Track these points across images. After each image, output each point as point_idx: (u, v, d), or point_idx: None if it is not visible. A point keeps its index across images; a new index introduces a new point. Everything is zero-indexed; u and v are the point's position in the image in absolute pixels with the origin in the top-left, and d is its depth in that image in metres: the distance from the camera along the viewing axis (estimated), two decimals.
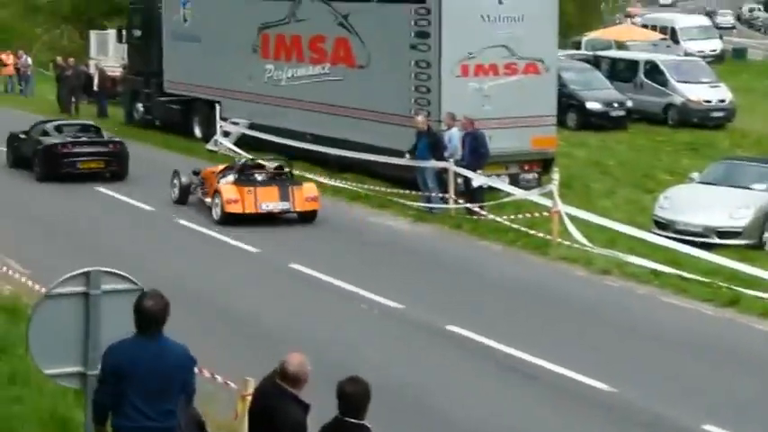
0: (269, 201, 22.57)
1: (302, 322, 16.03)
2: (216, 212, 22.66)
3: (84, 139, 27.80)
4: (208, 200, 23.28)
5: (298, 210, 22.76)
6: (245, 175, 23.10)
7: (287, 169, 23.75)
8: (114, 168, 27.30)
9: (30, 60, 49.37)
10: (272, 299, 17.36)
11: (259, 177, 23.16)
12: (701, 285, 18.02)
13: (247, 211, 22.35)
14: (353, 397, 7.60)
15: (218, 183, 23.00)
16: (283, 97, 29.45)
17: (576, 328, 16.11)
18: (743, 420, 12.72)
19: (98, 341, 9.18)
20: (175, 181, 24.37)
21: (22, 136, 28.58)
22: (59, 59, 45.44)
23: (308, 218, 22.83)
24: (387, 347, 15.09)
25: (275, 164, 23.93)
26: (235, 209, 22.31)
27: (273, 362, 8.14)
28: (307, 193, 22.86)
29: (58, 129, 28.46)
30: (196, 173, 24.58)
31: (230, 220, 22.25)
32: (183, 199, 24.16)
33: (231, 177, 23.01)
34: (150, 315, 8.24)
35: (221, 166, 24.25)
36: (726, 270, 18.45)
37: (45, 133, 28.02)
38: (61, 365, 9.29)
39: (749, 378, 14.22)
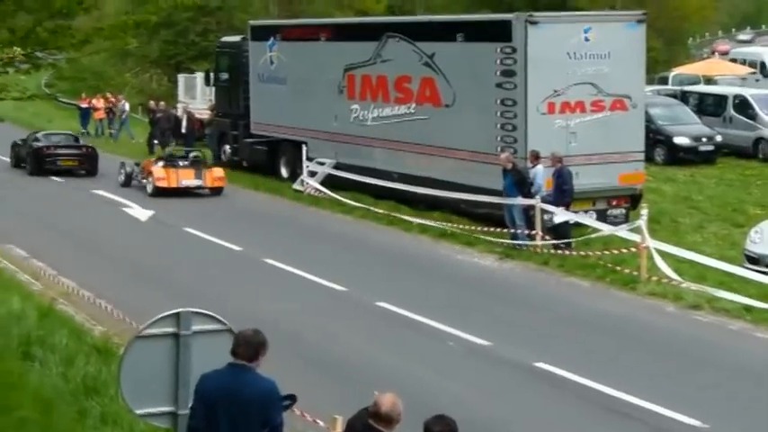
0: (187, 179, 31.23)
1: (389, 360, 16.03)
2: (149, 188, 31.24)
3: (63, 143, 36.47)
4: (144, 180, 31.60)
5: (208, 185, 31.44)
6: (170, 161, 31.85)
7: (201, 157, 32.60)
8: (86, 167, 35.74)
9: (127, 105, 50.20)
10: (360, 337, 17.38)
11: (181, 162, 31.78)
12: None
13: (171, 186, 30.95)
14: None
15: (152, 167, 31.40)
16: (369, 137, 29.61)
17: (665, 365, 15.90)
18: None
19: (188, 381, 9.26)
20: (122, 170, 32.92)
21: (20, 142, 37.36)
22: (152, 103, 46.18)
23: (216, 192, 31.40)
24: (474, 384, 15.03)
25: (194, 153, 32.99)
26: (162, 184, 30.98)
27: (361, 399, 8.15)
28: (216, 174, 31.71)
29: (47, 137, 37.25)
30: (137, 164, 33.11)
31: (159, 193, 30.76)
32: (127, 183, 32.61)
33: (161, 163, 31.73)
34: (238, 344, 8.44)
35: (156, 158, 33.51)
36: None
37: (36, 140, 36.64)
38: (152, 405, 9.37)
39: None
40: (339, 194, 29.13)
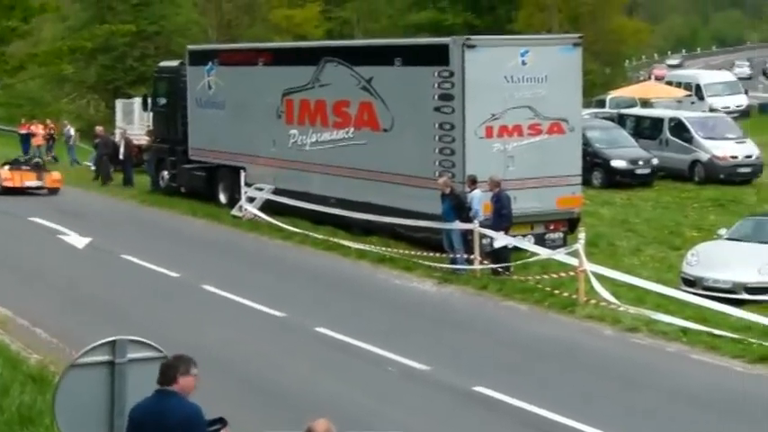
0: (29, 180, 37.83)
1: (328, 385, 15.96)
2: None
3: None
4: None
5: (47, 186, 37.84)
6: (16, 165, 38.70)
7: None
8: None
9: (72, 131, 49.80)
10: (299, 362, 17.29)
11: (24, 167, 38.68)
12: (732, 342, 17.85)
13: (16, 185, 37.37)
14: None
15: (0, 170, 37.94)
16: (307, 162, 29.55)
17: (604, 387, 15.99)
18: None
19: (123, 409, 9.17)
20: None
21: None
22: (98, 128, 45.81)
23: (53, 192, 37.75)
24: (413, 409, 15.00)
25: (35, 159, 41.37)
26: (8, 184, 37.52)
27: (299, 426, 8.10)
28: (54, 177, 38.25)
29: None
30: None
31: (5, 192, 36.89)
32: None
33: (8, 167, 38.29)
34: (160, 371, 8.58)
35: (2, 163, 39.13)
36: (757, 326, 18.33)
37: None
38: None
39: None
40: (278, 220, 29.06)
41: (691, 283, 21.85)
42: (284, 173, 30.40)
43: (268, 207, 30.13)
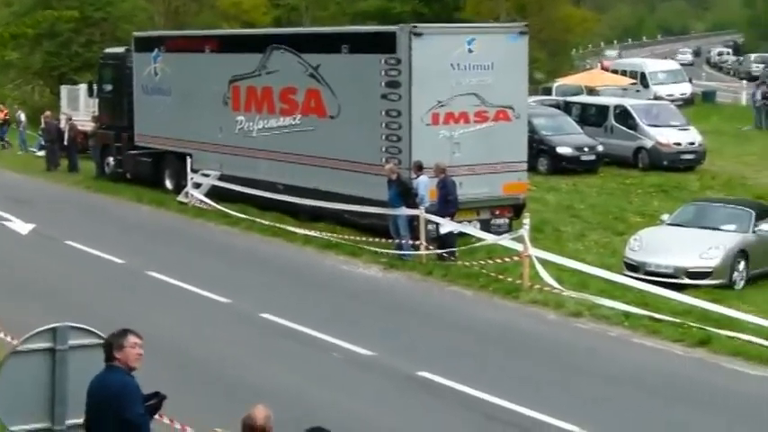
0: None
1: (273, 371, 16.01)
2: None
3: None
4: None
5: None
6: None
7: None
8: None
9: (23, 116, 49.34)
10: (244, 348, 17.31)
11: None
12: (672, 326, 18.10)
13: None
14: None
15: None
16: (254, 148, 29.52)
17: (547, 372, 16.15)
18: None
19: (65, 396, 9.19)
20: None
21: None
22: (46, 113, 45.38)
23: None
24: (357, 395, 15.08)
25: None
26: None
27: (238, 409, 8.14)
28: None
29: None
30: None
31: None
32: None
33: None
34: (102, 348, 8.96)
35: None
36: (697, 310, 18.59)
37: None
38: (28, 422, 9.28)
39: (715, 416, 14.28)
40: (224, 206, 29.01)
41: (633, 267, 22.08)
42: (231, 159, 30.34)
43: (214, 193, 30.05)
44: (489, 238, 23.42)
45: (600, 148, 37.70)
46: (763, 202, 26.76)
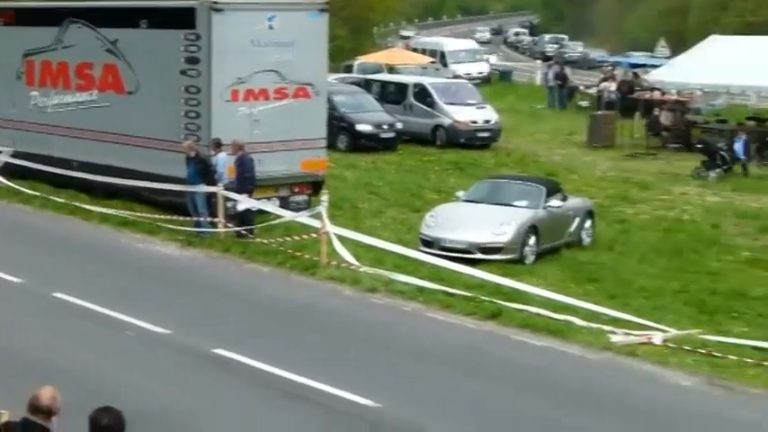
0: None
1: (65, 351, 15.76)
2: None
3: None
4: None
5: None
6: None
7: None
8: None
9: None
10: (36, 329, 16.96)
11: None
12: (465, 300, 18.58)
13: None
14: (107, 428, 7.56)
15: None
16: (49, 124, 28.88)
17: (342, 347, 16.37)
18: (493, 428, 13.18)
19: None
20: None
21: None
22: None
23: None
24: (153, 374, 15.00)
25: None
26: None
27: (28, 392, 8.04)
28: None
29: None
30: None
31: None
32: None
33: None
34: None
35: None
36: (489, 285, 19.11)
37: None
38: None
39: (504, 387, 14.74)
40: (17, 183, 28.32)
41: (429, 243, 22.50)
42: (24, 135, 29.61)
43: (7, 171, 29.29)
44: (287, 215, 23.53)
45: (399, 126, 38.23)
46: (553, 178, 27.62)
